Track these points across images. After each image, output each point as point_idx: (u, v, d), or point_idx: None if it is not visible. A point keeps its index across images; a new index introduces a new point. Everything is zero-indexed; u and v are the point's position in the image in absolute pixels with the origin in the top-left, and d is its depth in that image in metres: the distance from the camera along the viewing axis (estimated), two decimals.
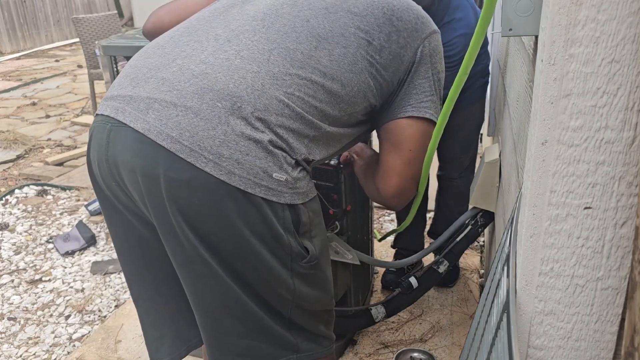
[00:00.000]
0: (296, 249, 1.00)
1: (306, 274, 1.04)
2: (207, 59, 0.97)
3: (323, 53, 1.03)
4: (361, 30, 1.07)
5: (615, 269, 0.67)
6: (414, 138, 1.17)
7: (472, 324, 0.98)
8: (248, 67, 0.96)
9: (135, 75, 1.01)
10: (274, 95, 0.95)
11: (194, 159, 0.90)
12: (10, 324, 2.31)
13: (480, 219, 1.88)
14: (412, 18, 1.13)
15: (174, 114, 0.92)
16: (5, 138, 4.73)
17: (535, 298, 0.71)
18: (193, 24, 1.09)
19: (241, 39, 1.01)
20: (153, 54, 1.04)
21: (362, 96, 1.09)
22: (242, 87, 0.94)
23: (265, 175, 0.92)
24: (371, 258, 1.95)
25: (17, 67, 8.52)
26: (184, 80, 0.95)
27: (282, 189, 0.95)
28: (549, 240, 0.68)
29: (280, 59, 0.99)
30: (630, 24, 0.58)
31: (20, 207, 3.45)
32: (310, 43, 1.02)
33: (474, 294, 2.34)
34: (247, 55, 0.98)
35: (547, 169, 0.65)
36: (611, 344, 0.70)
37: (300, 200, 0.98)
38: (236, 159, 0.91)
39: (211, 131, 0.91)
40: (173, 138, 0.90)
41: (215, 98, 0.92)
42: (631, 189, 0.63)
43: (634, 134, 0.61)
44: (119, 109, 0.97)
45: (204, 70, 0.96)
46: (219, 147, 0.90)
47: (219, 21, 1.07)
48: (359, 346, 2.03)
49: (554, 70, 0.62)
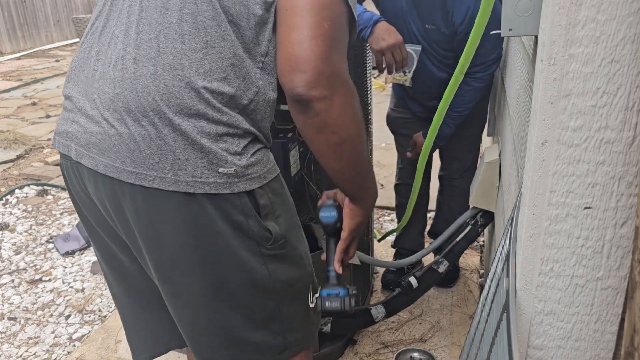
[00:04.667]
0: (259, 232, 0.98)
1: (277, 254, 1.02)
2: (113, 75, 0.95)
3: (207, 14, 0.91)
4: None
5: (615, 269, 0.67)
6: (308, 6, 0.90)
7: (472, 323, 0.98)
8: (144, 71, 0.92)
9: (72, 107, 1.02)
10: (181, 87, 0.90)
11: (141, 181, 0.92)
12: (11, 324, 2.32)
13: (480, 219, 1.88)
14: None
15: (110, 144, 0.94)
16: (5, 138, 4.73)
17: (535, 298, 0.71)
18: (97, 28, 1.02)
19: (130, 34, 0.95)
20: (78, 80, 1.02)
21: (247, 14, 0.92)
22: (151, 97, 0.91)
23: (211, 173, 0.92)
24: (371, 258, 1.96)
25: (17, 67, 8.52)
26: (105, 107, 0.95)
27: (233, 179, 0.93)
28: (549, 240, 0.68)
29: (169, 41, 0.91)
30: (630, 24, 0.58)
31: (21, 207, 3.45)
32: (192, 11, 0.91)
33: (473, 293, 2.34)
34: (139, 56, 0.93)
35: (547, 168, 0.65)
36: (611, 343, 0.70)
37: (257, 185, 0.96)
38: (178, 167, 0.91)
39: (147, 150, 0.92)
40: (117, 168, 0.93)
41: (136, 117, 0.92)
42: (631, 189, 0.63)
43: (634, 133, 0.61)
44: (67, 147, 1.01)
45: (115, 90, 0.94)
46: (159, 162, 0.92)
47: (114, 15, 1.00)
48: (359, 346, 2.03)
49: (553, 70, 0.62)
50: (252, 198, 0.97)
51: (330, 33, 0.90)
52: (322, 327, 1.88)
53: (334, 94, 0.90)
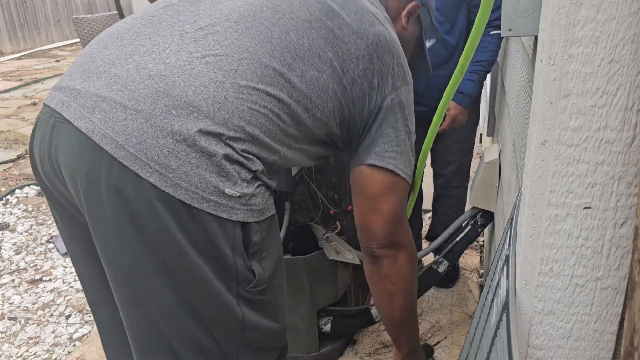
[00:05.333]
0: (242, 272, 0.92)
1: (254, 300, 0.95)
2: (168, 59, 0.89)
3: (295, 73, 0.96)
4: (339, 57, 1.01)
5: (614, 269, 0.67)
6: (376, 187, 1.12)
7: (472, 323, 0.98)
8: (212, 75, 0.89)
9: (88, 67, 0.92)
10: (235, 110, 0.88)
11: (138, 168, 0.83)
12: (11, 324, 2.32)
13: (479, 219, 1.88)
14: (393, 63, 1.07)
15: (122, 117, 0.85)
16: (5, 138, 4.73)
17: (535, 298, 0.72)
18: (160, 13, 0.99)
19: (209, 41, 0.92)
20: (111, 45, 0.94)
21: (324, 123, 1.03)
22: (202, 97, 0.87)
23: (215, 190, 0.86)
24: None
25: (17, 67, 8.53)
26: (138, 80, 0.87)
27: (235, 205, 0.88)
28: (549, 240, 0.68)
29: (249, 71, 0.91)
30: (630, 24, 0.58)
31: (21, 207, 3.45)
32: (285, 59, 0.95)
33: (473, 293, 2.34)
34: (213, 61, 0.90)
35: (547, 169, 0.65)
36: (611, 343, 0.71)
37: (255, 219, 0.92)
38: (184, 171, 0.84)
39: (160, 139, 0.84)
40: (118, 143, 0.84)
41: (170, 104, 0.85)
42: (630, 188, 0.63)
43: (634, 133, 0.61)
44: (65, 103, 0.89)
45: (162, 72, 0.88)
46: (166, 157, 0.84)
47: (188, 13, 0.97)
48: (359, 346, 2.03)
49: (553, 70, 0.62)
50: (245, 232, 0.91)
51: (398, 212, 1.15)
52: (323, 327, 1.88)
53: (399, 254, 1.17)
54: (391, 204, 1.13)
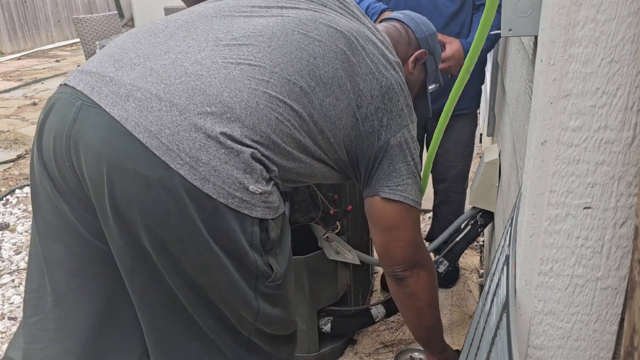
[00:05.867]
0: (262, 267, 0.95)
1: (270, 294, 0.99)
2: (204, 61, 0.92)
3: (317, 96, 1.02)
4: (356, 92, 1.09)
5: (614, 269, 0.67)
6: (389, 218, 1.23)
7: (472, 323, 0.98)
8: (246, 82, 0.93)
9: (121, 57, 0.93)
10: (264, 117, 0.93)
11: (170, 159, 0.84)
12: (11, 324, 2.32)
13: (479, 219, 1.88)
14: (401, 104, 1.16)
15: (156, 108, 0.86)
16: (5, 138, 4.73)
17: (535, 298, 0.72)
18: (193, 19, 1.02)
19: (243, 50, 0.96)
20: (144, 40, 0.96)
21: (334, 150, 1.11)
22: (237, 100, 0.90)
23: (240, 187, 0.89)
24: (371, 258, 1.95)
25: (17, 67, 8.53)
26: (174, 76, 0.89)
27: (256, 202, 0.91)
28: (549, 240, 0.68)
29: (279, 85, 0.96)
30: (630, 24, 0.58)
31: (21, 207, 3.45)
32: (310, 82, 1.01)
33: (473, 293, 2.34)
34: (247, 70, 0.94)
35: (547, 169, 0.65)
36: (611, 343, 0.71)
37: (272, 215, 0.95)
38: (214, 165, 0.86)
39: (193, 133, 0.85)
40: (151, 132, 0.84)
41: (205, 102, 0.88)
42: (630, 188, 0.63)
43: (634, 134, 0.61)
44: (95, 88, 0.88)
45: (198, 71, 0.90)
46: (198, 150, 0.85)
47: (221, 24, 1.01)
48: (359, 346, 2.03)
49: (553, 70, 0.62)
50: (263, 229, 0.94)
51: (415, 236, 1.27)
52: (323, 327, 1.88)
53: (421, 272, 1.30)
54: (407, 230, 1.25)
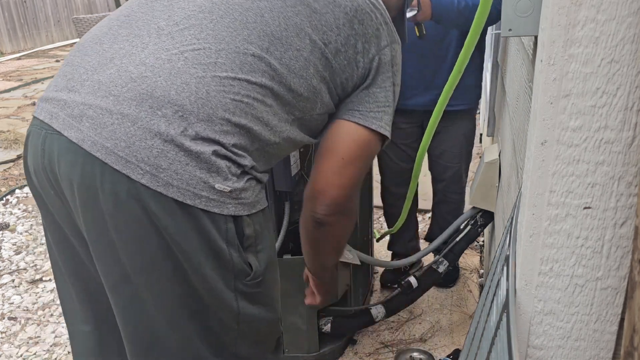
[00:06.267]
0: (239, 265, 0.93)
1: (250, 293, 0.97)
2: (147, 60, 0.89)
3: (274, 55, 0.95)
4: (318, 30, 0.99)
5: (614, 269, 0.67)
6: (352, 146, 1.08)
7: (472, 323, 0.98)
8: (192, 72, 0.89)
9: (72, 75, 0.93)
10: (219, 104, 0.89)
11: (130, 171, 0.84)
12: (11, 324, 2.32)
13: (479, 219, 1.88)
14: (376, 23, 1.05)
15: (109, 122, 0.86)
16: (5, 138, 4.74)
17: (535, 298, 0.72)
18: (134, 11, 0.99)
19: (186, 35, 0.92)
20: (90, 51, 0.95)
21: (313, 101, 1.02)
22: (185, 95, 0.87)
23: (206, 186, 0.87)
24: (371, 258, 1.96)
25: (17, 67, 8.53)
26: (121, 84, 0.88)
27: (226, 199, 0.89)
28: (549, 240, 0.68)
29: (228, 61, 0.91)
30: (630, 24, 0.58)
31: (21, 207, 3.45)
32: (262, 43, 0.94)
33: (473, 293, 2.34)
34: (191, 56, 0.90)
35: (547, 169, 0.65)
36: (610, 343, 0.71)
37: (246, 212, 0.93)
38: (175, 169, 0.85)
39: (149, 141, 0.85)
40: (107, 149, 0.85)
41: (155, 105, 0.86)
42: (630, 189, 0.63)
43: (634, 134, 0.61)
44: (53, 115, 0.90)
45: (143, 73, 0.88)
46: (156, 158, 0.85)
47: (162, 9, 0.97)
48: (359, 345, 2.03)
49: (553, 70, 0.62)
50: (238, 225, 0.92)
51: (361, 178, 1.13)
52: (323, 327, 1.88)
53: (343, 220, 1.15)
54: (360, 169, 1.10)
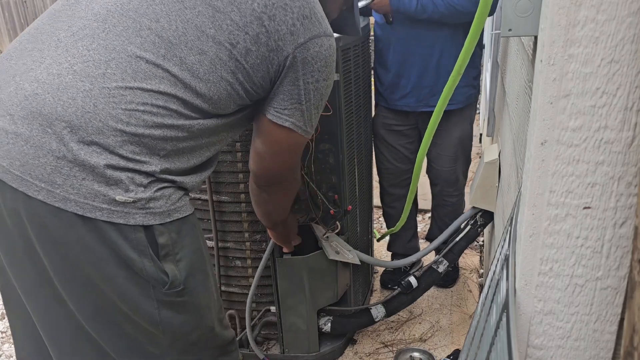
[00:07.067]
0: (154, 274, 0.92)
1: (172, 301, 0.95)
2: (41, 76, 0.89)
3: (173, 61, 0.91)
4: (222, 31, 0.94)
5: (614, 269, 0.67)
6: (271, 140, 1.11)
7: (472, 323, 0.98)
8: (79, 85, 0.87)
9: None
10: (109, 115, 0.87)
11: (26, 188, 0.85)
12: None
13: (479, 219, 1.88)
14: (290, 19, 0.98)
15: (5, 142, 0.86)
16: None
17: (535, 298, 0.72)
18: (42, 23, 0.97)
19: (78, 47, 0.90)
20: (1, 66, 0.95)
21: (226, 100, 1.00)
22: (71, 110, 0.86)
23: (106, 199, 0.87)
24: (371, 258, 1.96)
25: None
26: (16, 102, 0.88)
27: (130, 210, 0.88)
28: (548, 240, 0.68)
29: (119, 71, 0.89)
30: (630, 24, 0.58)
31: None
32: (158, 50, 0.91)
33: (473, 293, 2.34)
34: (80, 69, 0.88)
35: (547, 169, 0.65)
36: (610, 343, 0.71)
37: (157, 221, 0.91)
38: (70, 184, 0.85)
39: (42, 159, 0.85)
40: (4, 168, 0.86)
41: (44, 123, 0.86)
42: (630, 189, 0.63)
43: (633, 134, 0.61)
44: None
45: (35, 90, 0.88)
46: (50, 174, 0.85)
47: (64, 19, 0.95)
48: (359, 345, 2.03)
49: (553, 70, 0.62)
50: (149, 235, 0.91)
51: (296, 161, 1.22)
52: (322, 327, 1.88)
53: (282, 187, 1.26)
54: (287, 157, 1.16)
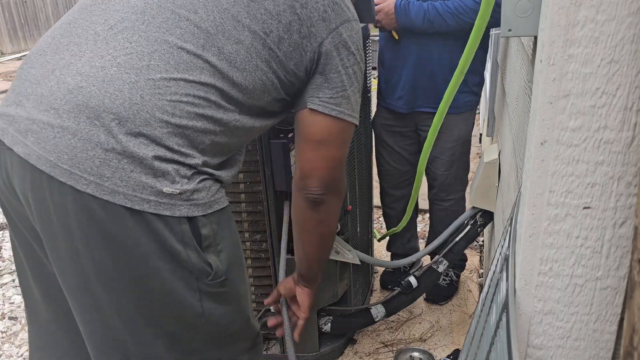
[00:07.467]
0: (198, 265, 0.93)
1: (214, 292, 0.96)
2: (83, 69, 0.89)
3: (211, 52, 0.93)
4: (257, 20, 0.96)
5: (614, 269, 0.67)
6: (320, 133, 1.09)
7: (472, 323, 0.98)
8: (125, 77, 0.88)
9: (19, 90, 0.94)
10: (155, 107, 0.88)
11: (74, 182, 0.85)
12: (12, 324, 2.32)
13: (479, 219, 1.88)
14: (322, 5, 1.01)
15: (51, 136, 0.86)
16: None
17: (535, 297, 0.72)
18: (75, 18, 0.98)
19: (119, 39, 0.91)
20: (36, 63, 0.96)
21: (261, 91, 1.01)
22: (119, 102, 0.87)
23: (153, 191, 0.87)
24: (371, 258, 1.96)
25: (18, 67, 8.52)
26: (60, 96, 0.88)
27: (176, 201, 0.89)
28: (548, 240, 0.68)
29: (162, 62, 0.90)
30: (630, 25, 0.58)
31: None
32: (197, 41, 0.93)
33: (473, 293, 2.34)
34: (124, 61, 0.89)
35: (546, 169, 0.65)
36: (610, 343, 0.71)
37: (200, 212, 0.92)
38: (119, 177, 0.86)
39: (90, 152, 0.85)
40: (51, 162, 0.86)
41: (91, 116, 0.86)
42: (630, 189, 0.63)
43: (633, 134, 0.61)
44: (4, 130, 0.92)
45: (79, 84, 0.88)
46: (99, 167, 0.85)
47: (99, 13, 0.96)
48: (359, 345, 2.03)
49: (553, 70, 0.62)
50: (193, 226, 0.92)
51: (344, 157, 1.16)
52: (322, 327, 1.88)
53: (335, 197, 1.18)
54: (337, 149, 1.12)
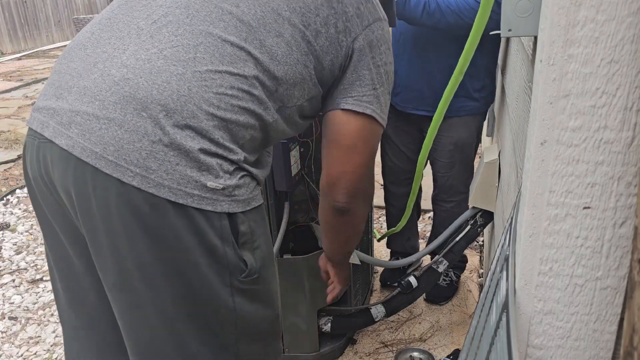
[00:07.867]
0: (234, 261, 0.93)
1: (247, 289, 0.97)
2: (128, 61, 0.90)
3: (254, 45, 0.94)
4: (296, 13, 0.98)
5: (614, 269, 0.67)
6: (352, 134, 1.08)
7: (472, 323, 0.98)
8: (172, 69, 0.89)
9: (59, 83, 0.94)
10: (202, 99, 0.89)
11: (120, 174, 0.85)
12: (12, 324, 2.32)
13: (479, 219, 1.88)
14: (356, 1, 1.03)
15: (96, 128, 0.86)
16: (6, 138, 4.74)
17: (535, 297, 0.72)
18: (115, 13, 0.99)
19: (164, 33, 0.92)
20: (75, 57, 0.96)
21: (300, 87, 1.01)
22: (167, 94, 0.87)
23: (198, 185, 0.87)
24: (371, 258, 1.96)
25: (18, 67, 8.53)
26: (105, 88, 0.88)
27: (218, 197, 0.89)
28: (548, 240, 0.68)
29: (207, 55, 0.91)
30: (630, 25, 0.58)
31: (22, 206, 3.45)
32: (240, 34, 0.93)
33: (473, 293, 2.34)
34: (170, 54, 0.90)
35: (546, 169, 0.65)
36: (610, 343, 0.71)
37: (240, 209, 0.93)
38: (165, 170, 0.86)
39: (137, 143, 0.85)
40: (97, 154, 0.85)
41: (139, 107, 0.86)
42: (630, 189, 0.63)
43: (633, 134, 0.61)
44: (44, 124, 0.91)
45: (125, 75, 0.88)
46: (145, 159, 0.85)
47: (141, 8, 0.97)
48: (359, 345, 2.03)
49: (553, 70, 0.62)
50: (232, 222, 0.92)
51: (372, 162, 1.14)
52: (322, 327, 1.88)
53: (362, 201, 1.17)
54: (367, 154, 1.10)
